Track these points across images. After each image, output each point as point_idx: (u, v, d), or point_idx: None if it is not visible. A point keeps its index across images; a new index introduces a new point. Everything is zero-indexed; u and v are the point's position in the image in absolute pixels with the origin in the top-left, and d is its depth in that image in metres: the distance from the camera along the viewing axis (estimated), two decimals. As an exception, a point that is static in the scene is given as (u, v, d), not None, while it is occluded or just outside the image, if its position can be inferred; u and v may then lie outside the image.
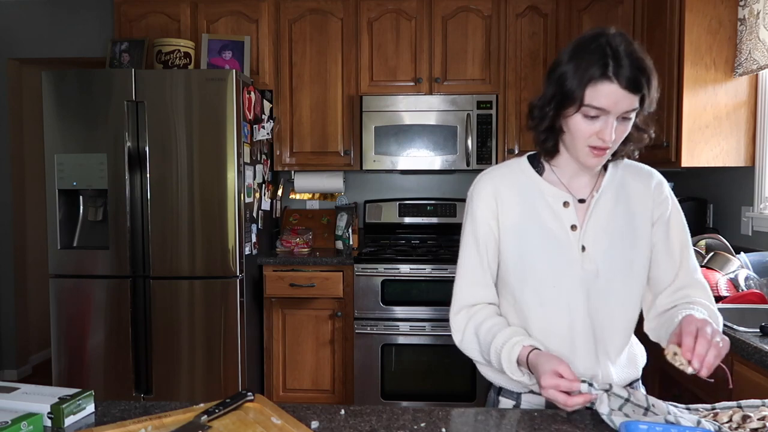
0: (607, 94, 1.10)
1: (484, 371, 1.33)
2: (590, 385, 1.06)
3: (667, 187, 1.30)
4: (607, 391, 1.07)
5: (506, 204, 1.26)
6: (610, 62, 1.09)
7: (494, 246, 1.27)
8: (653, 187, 1.28)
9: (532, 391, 1.25)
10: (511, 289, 1.26)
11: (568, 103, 1.14)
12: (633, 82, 1.09)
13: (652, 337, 1.31)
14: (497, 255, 1.28)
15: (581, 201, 1.24)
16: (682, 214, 1.30)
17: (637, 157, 1.26)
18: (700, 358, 1.02)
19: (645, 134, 1.21)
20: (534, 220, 1.24)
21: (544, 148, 1.24)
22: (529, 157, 1.30)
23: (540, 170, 1.27)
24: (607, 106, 1.11)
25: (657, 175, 1.30)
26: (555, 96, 1.16)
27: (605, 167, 1.27)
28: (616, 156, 1.23)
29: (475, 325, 1.26)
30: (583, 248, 1.22)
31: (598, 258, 1.22)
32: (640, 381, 1.33)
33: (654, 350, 1.37)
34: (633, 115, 1.15)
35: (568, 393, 1.05)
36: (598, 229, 1.23)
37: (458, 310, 1.30)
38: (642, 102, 1.13)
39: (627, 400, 1.09)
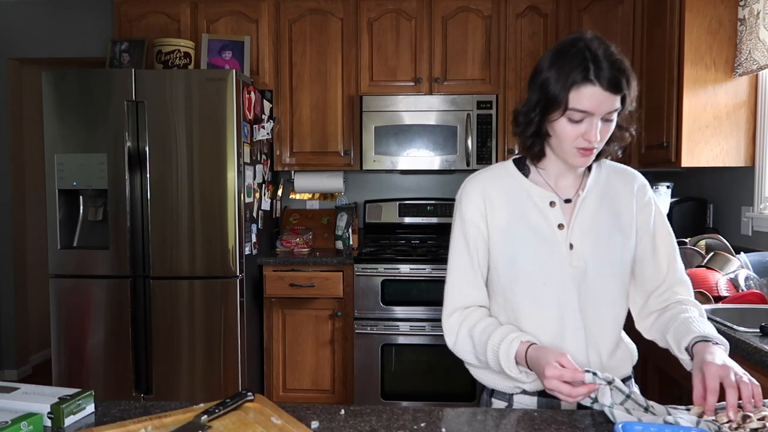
0: (590, 96, 1.14)
1: (476, 373, 1.34)
2: (594, 374, 1.07)
3: (649, 189, 1.34)
4: (610, 383, 1.07)
5: (495, 206, 1.28)
6: (590, 66, 1.13)
7: (484, 247, 1.29)
8: (636, 190, 1.32)
9: (524, 392, 1.26)
10: (502, 289, 1.28)
11: (552, 108, 1.17)
12: (614, 84, 1.13)
13: (648, 336, 1.34)
14: (487, 256, 1.30)
15: (567, 201, 1.28)
16: (665, 216, 1.35)
17: (620, 156, 1.29)
18: (735, 408, 1.02)
19: (626, 133, 1.25)
20: (522, 221, 1.26)
21: (531, 152, 1.27)
22: (514, 160, 1.34)
23: (526, 172, 1.30)
24: (591, 109, 1.14)
25: (640, 178, 1.35)
26: (539, 102, 1.19)
27: (589, 168, 1.31)
28: (601, 156, 1.26)
29: (468, 326, 1.28)
30: (571, 246, 1.25)
31: (586, 255, 1.24)
32: (633, 380, 1.34)
33: (652, 350, 1.38)
34: (615, 116, 1.18)
35: (570, 385, 1.06)
36: (584, 227, 1.26)
37: (451, 313, 1.32)
38: (623, 101, 1.17)
39: (628, 396, 1.09)
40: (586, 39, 1.16)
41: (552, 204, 1.26)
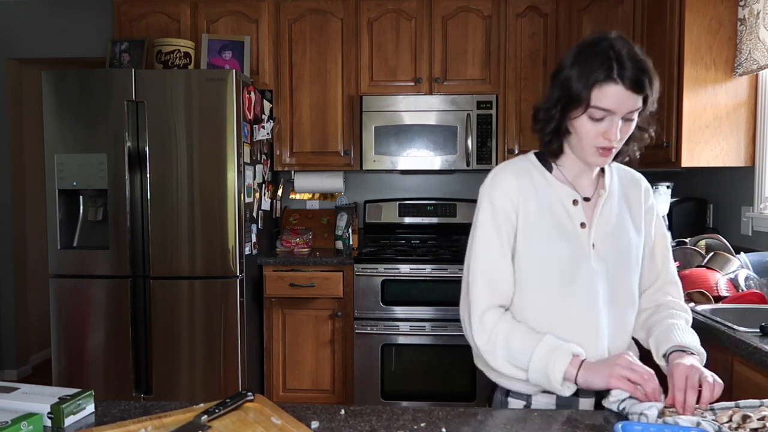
0: (612, 95, 1.13)
1: (491, 373, 1.31)
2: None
3: (652, 194, 1.37)
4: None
5: (527, 198, 1.27)
6: (614, 65, 1.13)
7: (513, 240, 1.27)
8: (643, 193, 1.35)
9: (545, 391, 1.24)
10: (524, 286, 1.26)
11: (574, 105, 1.17)
12: (637, 83, 1.13)
13: (634, 333, 1.35)
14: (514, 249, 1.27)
15: (586, 200, 1.28)
16: (662, 219, 1.39)
17: (638, 156, 1.29)
18: (691, 410, 1.06)
19: (646, 133, 1.25)
20: (550, 217, 1.26)
21: (549, 149, 1.27)
22: (536, 154, 1.33)
23: (549, 168, 1.30)
24: (613, 107, 1.14)
25: (644, 181, 1.37)
26: (561, 99, 1.19)
27: (602, 168, 1.31)
28: (619, 156, 1.27)
29: (505, 330, 1.23)
30: (593, 246, 1.25)
31: (606, 255, 1.25)
32: None
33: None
34: (636, 115, 1.18)
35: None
36: (605, 227, 1.27)
37: (484, 310, 1.25)
38: (644, 102, 1.17)
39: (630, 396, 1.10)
40: (611, 38, 1.16)
41: (575, 202, 1.26)
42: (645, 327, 1.31)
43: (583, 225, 1.25)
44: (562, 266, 1.23)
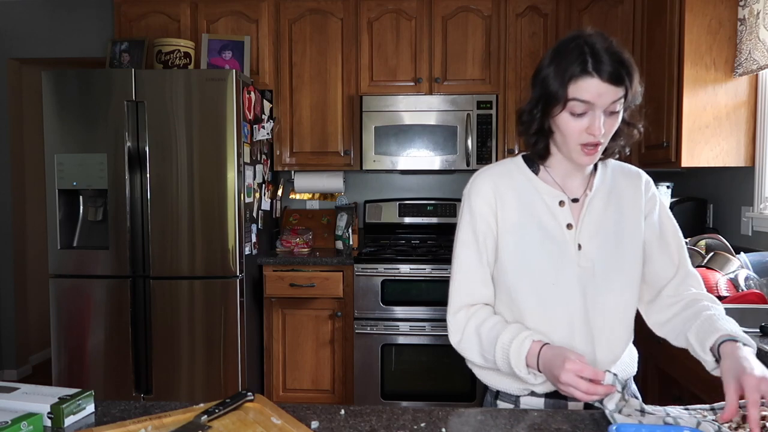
0: (589, 88, 1.13)
1: (481, 374, 1.32)
2: (614, 375, 1.06)
3: (653, 185, 1.35)
4: (623, 388, 1.06)
5: (505, 202, 1.27)
6: (588, 59, 1.13)
7: (493, 243, 1.28)
8: (643, 186, 1.32)
9: (532, 393, 1.25)
10: (508, 288, 1.26)
11: (553, 103, 1.17)
12: (613, 75, 1.12)
13: (659, 332, 1.30)
14: (495, 253, 1.28)
15: (574, 200, 1.27)
16: (669, 211, 1.35)
17: (629, 153, 1.28)
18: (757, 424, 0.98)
19: (634, 129, 1.24)
20: (532, 219, 1.25)
21: (535, 151, 1.26)
22: (524, 157, 1.32)
23: (535, 170, 1.29)
24: (592, 99, 1.14)
25: (644, 175, 1.35)
26: (540, 98, 1.19)
27: (595, 167, 1.30)
28: (607, 153, 1.25)
29: (476, 324, 1.26)
30: (579, 246, 1.24)
31: (593, 256, 1.24)
32: (631, 379, 1.34)
33: (652, 350, 1.37)
34: (619, 107, 1.17)
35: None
36: (592, 227, 1.25)
37: (457, 310, 1.29)
38: (625, 94, 1.16)
39: (626, 401, 1.09)
40: (585, 35, 1.16)
41: (561, 203, 1.25)
42: (675, 326, 1.25)
43: (569, 226, 1.24)
44: (546, 268, 1.23)
